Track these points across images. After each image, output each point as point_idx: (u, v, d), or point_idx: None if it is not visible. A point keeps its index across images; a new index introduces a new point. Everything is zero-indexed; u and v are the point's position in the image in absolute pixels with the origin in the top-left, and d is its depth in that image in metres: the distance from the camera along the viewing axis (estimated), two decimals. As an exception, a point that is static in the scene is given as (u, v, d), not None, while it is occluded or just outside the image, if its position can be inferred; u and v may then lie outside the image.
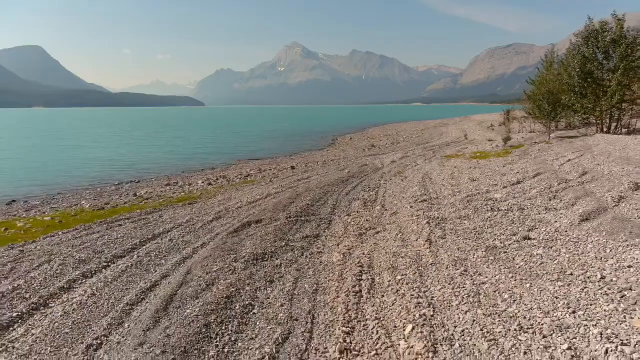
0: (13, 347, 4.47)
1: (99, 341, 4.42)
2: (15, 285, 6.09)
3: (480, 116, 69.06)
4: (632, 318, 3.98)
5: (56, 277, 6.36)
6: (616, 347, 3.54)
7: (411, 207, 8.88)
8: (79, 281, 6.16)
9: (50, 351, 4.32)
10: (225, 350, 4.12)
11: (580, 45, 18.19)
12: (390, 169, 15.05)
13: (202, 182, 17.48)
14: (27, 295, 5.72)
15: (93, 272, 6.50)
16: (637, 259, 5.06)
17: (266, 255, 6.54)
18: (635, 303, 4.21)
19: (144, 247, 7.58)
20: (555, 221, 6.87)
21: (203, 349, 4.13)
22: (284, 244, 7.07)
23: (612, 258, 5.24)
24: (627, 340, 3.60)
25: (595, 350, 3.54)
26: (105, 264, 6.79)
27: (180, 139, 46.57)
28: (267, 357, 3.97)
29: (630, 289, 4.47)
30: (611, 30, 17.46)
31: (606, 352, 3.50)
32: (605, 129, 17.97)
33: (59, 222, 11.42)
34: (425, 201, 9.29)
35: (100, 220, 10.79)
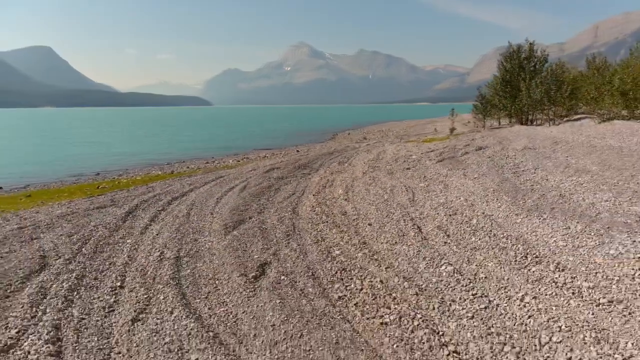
0: (185, 201, 11.29)
1: (220, 198, 11.24)
2: (166, 190, 12.96)
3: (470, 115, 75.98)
4: (427, 186, 10.75)
5: (183, 188, 13.21)
6: (406, 189, 10.32)
7: (364, 163, 15.67)
8: (195, 189, 12.97)
9: (202, 199, 11.16)
10: (271, 196, 10.98)
11: (503, 61, 25.16)
12: (363, 148, 21.87)
13: (232, 161, 24.38)
14: (176, 191, 12.57)
15: (199, 187, 13.34)
16: (445, 172, 11.84)
17: (283, 178, 13.43)
18: (430, 185, 10.98)
19: (217, 180, 14.43)
20: (427, 163, 13.67)
21: (261, 196, 10.98)
22: (292, 175, 13.97)
23: (437, 172, 12.02)
24: (412, 188, 10.40)
25: (397, 190, 10.33)
26: (203, 184, 13.66)
27: (190, 137, 53.39)
28: (284, 198, 10.79)
29: (432, 179, 11.25)
30: (524, 51, 24.33)
31: (401, 190, 10.29)
32: (523, 122, 24.69)
33: (149, 179, 18.31)
34: (373, 160, 16.08)
35: (179, 177, 17.65)
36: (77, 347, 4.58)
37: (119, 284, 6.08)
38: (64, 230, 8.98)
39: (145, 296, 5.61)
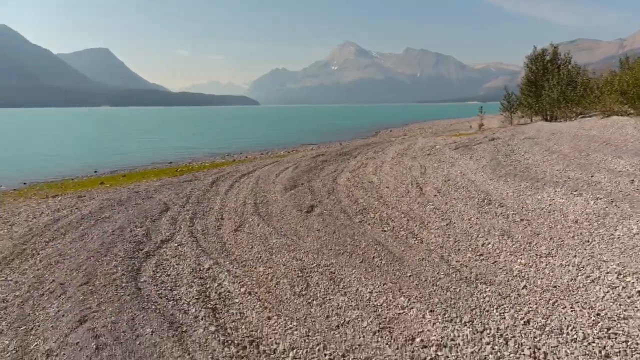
0: (252, 176, 14.76)
1: (278, 174, 14.64)
2: (235, 170, 16.52)
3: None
4: (439, 166, 13.73)
5: (247, 169, 16.73)
6: (421, 167, 13.35)
7: (395, 151, 18.70)
8: (258, 169, 16.45)
9: (265, 174, 14.61)
10: (317, 172, 14.29)
11: (529, 63, 27.56)
12: (398, 141, 24.85)
13: (283, 152, 27.94)
14: (243, 170, 16.09)
15: (260, 167, 16.82)
16: (456, 156, 14.74)
17: (327, 161, 16.71)
18: (440, 165, 13.94)
19: (274, 163, 17.88)
20: (445, 150, 16.57)
21: (310, 172, 14.30)
22: (334, 159, 17.24)
23: (450, 156, 14.93)
24: (426, 166, 13.43)
25: (414, 168, 13.37)
26: (263, 166, 17.14)
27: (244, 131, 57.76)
28: (327, 173, 14.06)
29: (444, 161, 14.20)
30: (548, 54, 26.61)
31: (417, 168, 13.33)
32: (547, 119, 26.88)
33: (216, 164, 22.06)
34: (403, 150, 19.08)
35: (241, 163, 21.29)
36: (202, 240, 8.03)
37: (220, 216, 9.55)
38: (169, 192, 12.64)
39: (239, 220, 9.05)
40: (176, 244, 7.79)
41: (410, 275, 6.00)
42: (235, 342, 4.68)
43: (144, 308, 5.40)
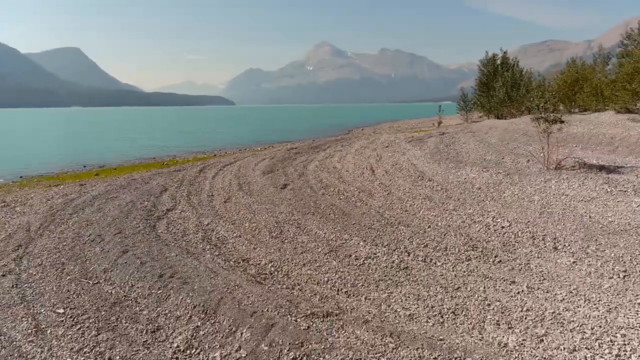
0: (234, 165, 17.03)
1: (257, 163, 16.96)
2: (217, 162, 18.76)
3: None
4: (392, 155, 16.26)
5: (229, 160, 18.98)
6: (377, 155, 15.86)
7: (359, 145, 21.20)
8: (239, 160, 18.70)
9: (245, 164, 16.91)
10: (290, 162, 16.67)
11: (481, 66, 30.61)
12: (364, 137, 27.43)
13: (260, 148, 30.22)
14: (225, 162, 18.34)
15: (241, 159, 19.08)
16: (409, 147, 17.32)
17: (299, 153, 19.11)
18: (394, 154, 16.48)
19: (252, 156, 20.15)
20: (401, 144, 19.13)
21: (284, 161, 16.68)
22: (306, 152, 19.63)
23: (404, 148, 17.49)
24: (382, 155, 15.96)
25: (372, 156, 15.88)
26: (243, 158, 19.41)
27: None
28: (299, 162, 16.46)
29: (398, 151, 16.75)
30: (499, 58, 29.71)
31: (374, 156, 15.83)
32: (498, 117, 29.91)
33: (199, 159, 24.21)
34: (367, 143, 21.58)
35: (222, 157, 23.49)
36: (199, 208, 10.33)
37: (211, 193, 11.86)
38: (163, 178, 14.83)
39: (227, 195, 11.39)
40: (179, 211, 10.10)
41: (353, 223, 8.47)
42: (232, 260, 7.06)
43: (166, 245, 7.73)
